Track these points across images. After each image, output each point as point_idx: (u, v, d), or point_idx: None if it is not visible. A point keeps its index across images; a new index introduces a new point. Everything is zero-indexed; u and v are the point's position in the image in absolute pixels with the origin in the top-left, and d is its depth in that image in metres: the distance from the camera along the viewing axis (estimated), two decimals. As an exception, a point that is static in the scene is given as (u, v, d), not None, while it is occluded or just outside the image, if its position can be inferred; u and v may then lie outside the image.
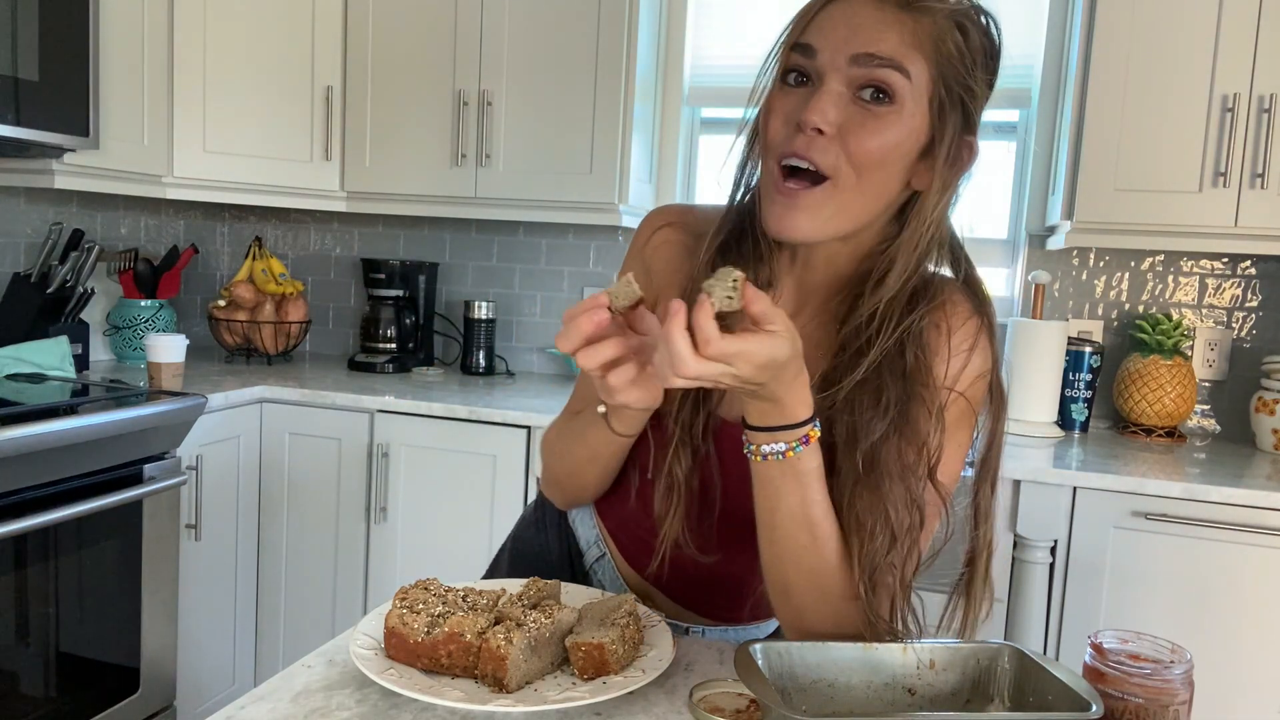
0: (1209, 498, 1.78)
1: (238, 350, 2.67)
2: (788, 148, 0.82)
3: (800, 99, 0.83)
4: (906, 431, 0.85)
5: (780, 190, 0.83)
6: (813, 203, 0.82)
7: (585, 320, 0.74)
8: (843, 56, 0.81)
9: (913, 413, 0.86)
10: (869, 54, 0.80)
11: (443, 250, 2.87)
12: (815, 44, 0.82)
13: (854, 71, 0.81)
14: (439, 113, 2.46)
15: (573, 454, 1.00)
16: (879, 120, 0.81)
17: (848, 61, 0.81)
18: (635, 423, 0.91)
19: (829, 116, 0.80)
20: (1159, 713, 0.75)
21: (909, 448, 0.85)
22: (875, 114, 0.81)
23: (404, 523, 2.27)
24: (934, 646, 0.83)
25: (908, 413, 0.85)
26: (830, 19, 0.83)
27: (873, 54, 0.80)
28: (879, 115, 0.81)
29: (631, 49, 2.33)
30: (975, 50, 0.84)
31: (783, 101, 0.85)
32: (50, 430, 1.68)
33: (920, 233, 0.85)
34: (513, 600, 0.89)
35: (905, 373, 0.86)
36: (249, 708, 0.79)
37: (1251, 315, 2.32)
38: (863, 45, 0.80)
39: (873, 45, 0.80)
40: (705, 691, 0.82)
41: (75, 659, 1.84)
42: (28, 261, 2.38)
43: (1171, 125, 2.02)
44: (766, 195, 0.85)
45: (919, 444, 0.86)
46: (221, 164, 2.41)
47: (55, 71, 1.93)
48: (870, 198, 0.84)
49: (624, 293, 0.76)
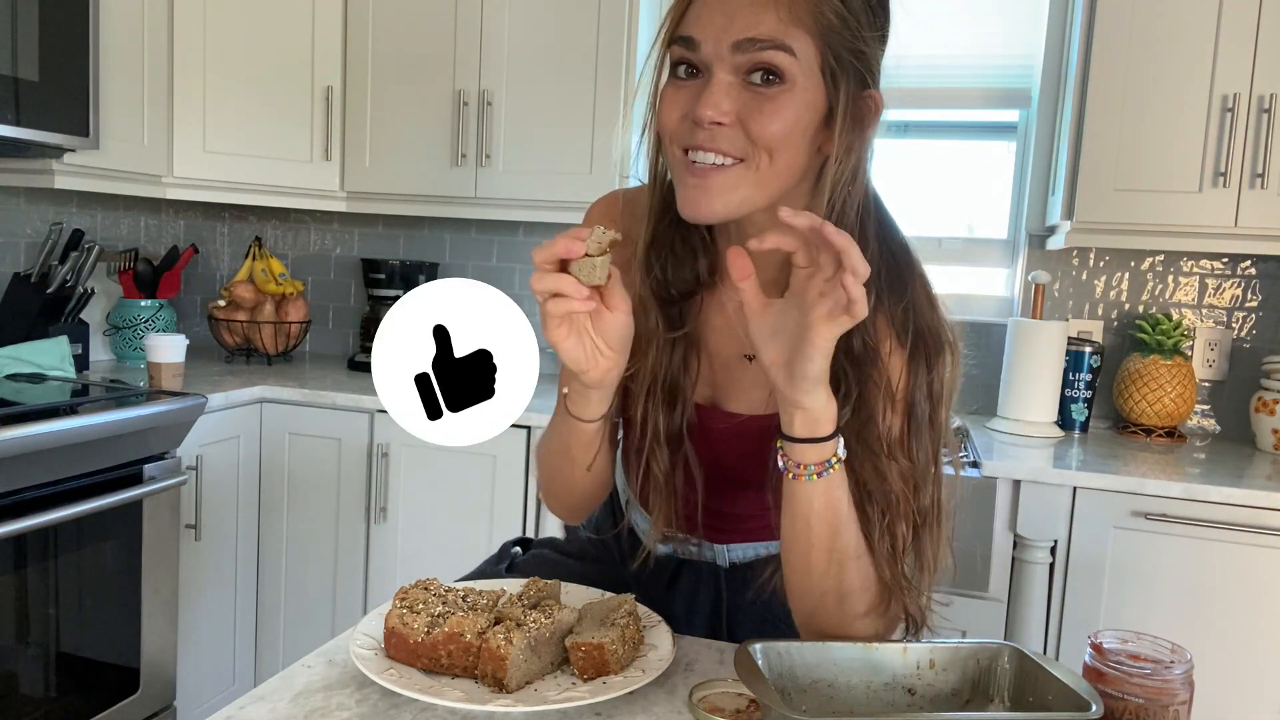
0: (1209, 498, 1.78)
1: (238, 350, 2.67)
2: (690, 141, 0.84)
3: (692, 92, 0.84)
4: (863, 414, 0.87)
5: (691, 173, 0.84)
6: (727, 183, 0.83)
7: (563, 243, 0.78)
8: (725, 45, 0.81)
9: (868, 396, 0.87)
10: (750, 39, 0.80)
11: (443, 250, 2.87)
12: (696, 35, 0.83)
13: (739, 59, 0.81)
14: (439, 113, 2.46)
15: (550, 452, 1.00)
16: (774, 102, 0.82)
17: (730, 50, 0.81)
18: (586, 405, 0.90)
19: (723, 108, 0.81)
20: (1159, 713, 0.75)
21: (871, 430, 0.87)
22: (769, 96, 0.82)
23: (404, 523, 2.27)
24: (934, 646, 0.83)
25: (865, 397, 0.87)
26: (706, 7, 0.83)
27: (753, 38, 0.80)
28: (773, 97, 0.82)
29: (631, 49, 2.33)
30: (857, 10, 0.83)
31: (675, 95, 0.86)
32: (50, 430, 1.68)
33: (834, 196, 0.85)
34: (513, 600, 0.89)
35: (856, 358, 0.87)
36: (249, 708, 0.79)
37: (1251, 315, 2.32)
38: (742, 31, 0.80)
39: (751, 30, 0.80)
40: (705, 691, 0.82)
41: (75, 659, 1.84)
42: (28, 261, 2.38)
43: (1171, 125, 2.02)
44: (679, 180, 0.86)
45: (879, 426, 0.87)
46: (221, 164, 2.41)
47: (55, 71, 1.93)
48: (782, 171, 0.84)
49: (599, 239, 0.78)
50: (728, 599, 1.07)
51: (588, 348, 0.83)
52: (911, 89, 2.48)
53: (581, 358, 0.83)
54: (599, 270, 0.79)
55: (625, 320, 0.83)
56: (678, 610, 1.07)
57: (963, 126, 2.59)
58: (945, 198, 2.58)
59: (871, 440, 0.86)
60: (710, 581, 1.08)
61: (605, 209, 1.06)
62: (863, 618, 0.88)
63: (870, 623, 0.88)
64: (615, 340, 0.84)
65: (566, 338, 0.82)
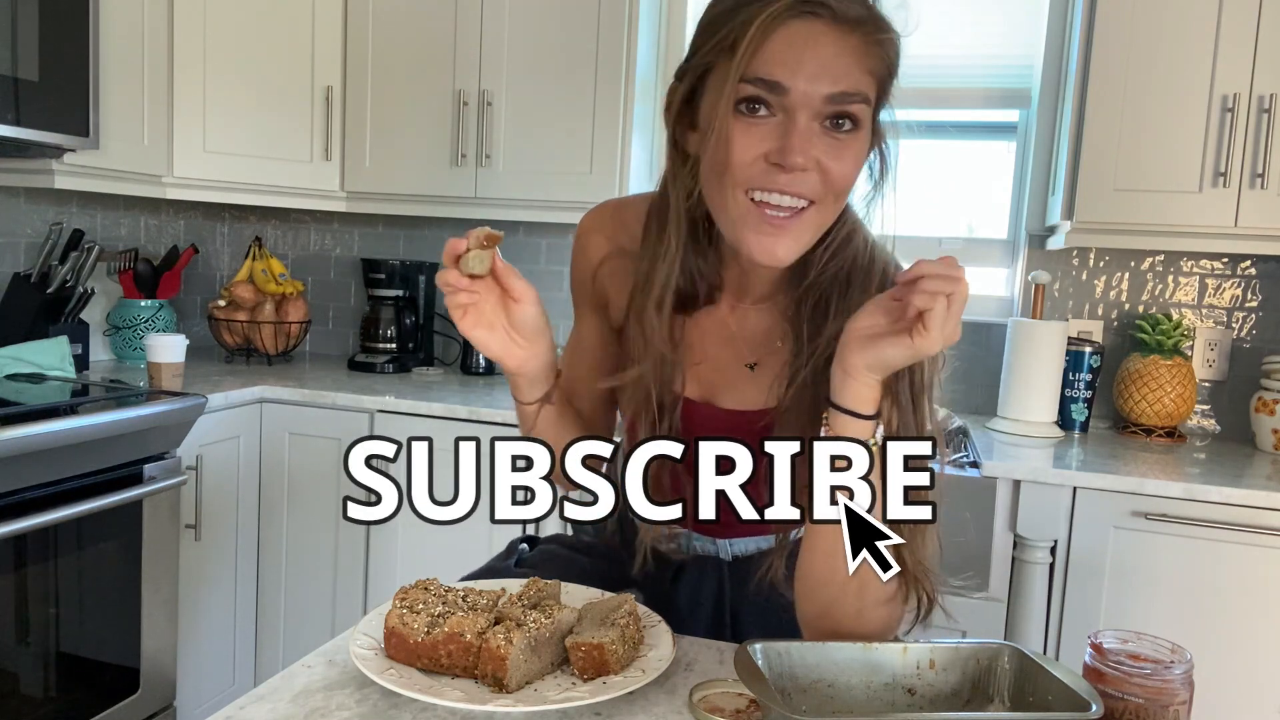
0: (1209, 498, 1.78)
1: (238, 350, 2.67)
2: (767, 183, 0.84)
3: (770, 134, 0.83)
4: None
5: (768, 222, 0.85)
6: (801, 228, 0.86)
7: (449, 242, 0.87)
8: (816, 96, 0.82)
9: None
10: (843, 92, 0.82)
11: (442, 250, 2.86)
12: (784, 81, 0.81)
13: (826, 108, 0.83)
14: (439, 113, 2.46)
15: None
16: (848, 148, 0.85)
17: (822, 100, 0.82)
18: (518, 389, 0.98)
19: (811, 155, 0.83)
20: (1159, 713, 0.75)
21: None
22: (844, 142, 0.85)
23: (404, 523, 2.26)
24: (934, 646, 0.83)
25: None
26: (792, 51, 0.81)
27: (846, 92, 0.82)
28: (847, 143, 0.85)
29: (631, 49, 2.33)
30: (894, 62, 0.88)
31: (748, 134, 0.84)
32: (50, 430, 1.68)
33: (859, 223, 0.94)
34: (513, 600, 0.89)
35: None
36: (249, 708, 0.79)
37: (1251, 315, 2.32)
38: (835, 83, 0.82)
39: (844, 82, 0.82)
40: (705, 691, 0.82)
41: (75, 659, 1.84)
42: (28, 261, 2.38)
43: (1171, 125, 2.02)
44: (745, 224, 0.86)
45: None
46: (221, 164, 2.41)
47: (55, 71, 1.93)
48: (837, 210, 0.89)
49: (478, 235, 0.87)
50: (730, 592, 1.09)
51: (499, 339, 0.90)
52: (911, 89, 2.47)
53: (495, 348, 0.91)
54: (477, 262, 0.86)
55: (533, 311, 0.91)
56: (681, 604, 1.08)
57: (963, 126, 2.58)
58: (945, 198, 2.58)
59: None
60: (713, 575, 1.09)
61: (594, 221, 1.09)
62: (885, 604, 0.88)
63: (891, 609, 0.89)
64: (526, 330, 0.91)
65: (474, 328, 0.89)
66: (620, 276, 1.03)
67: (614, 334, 1.08)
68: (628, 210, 1.05)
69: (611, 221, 1.06)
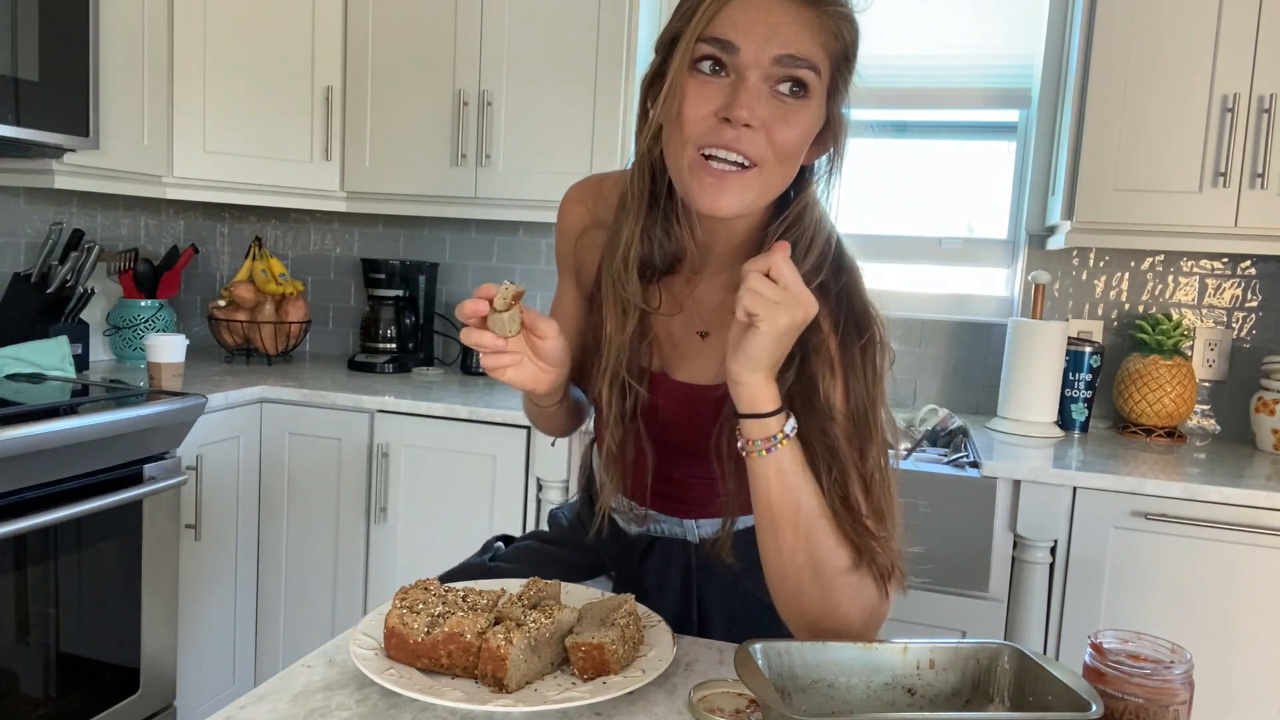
0: (1209, 498, 1.78)
1: (238, 350, 2.67)
2: (714, 139, 0.87)
3: (720, 91, 0.88)
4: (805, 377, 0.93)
5: (710, 173, 0.88)
6: (742, 184, 0.89)
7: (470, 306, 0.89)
8: (766, 56, 0.86)
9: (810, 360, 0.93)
10: (791, 55, 0.86)
11: (443, 250, 2.87)
12: (736, 41, 0.86)
13: (775, 70, 0.87)
14: (439, 113, 2.46)
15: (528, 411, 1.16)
16: (796, 113, 0.88)
17: (771, 61, 0.86)
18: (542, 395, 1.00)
19: (758, 112, 0.86)
20: (1159, 713, 0.75)
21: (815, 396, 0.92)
22: (793, 107, 0.88)
23: (404, 523, 2.27)
24: (934, 646, 0.83)
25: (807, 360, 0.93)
26: (746, 14, 0.86)
27: (794, 55, 0.86)
28: (796, 109, 0.88)
29: (631, 49, 2.33)
30: (850, 44, 0.91)
31: (700, 91, 0.88)
32: (50, 430, 1.68)
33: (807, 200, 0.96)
34: (512, 600, 0.89)
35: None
36: (249, 708, 0.79)
37: (1251, 315, 2.32)
38: (784, 46, 0.86)
39: (793, 46, 0.86)
40: (705, 691, 0.82)
41: (75, 659, 1.84)
42: (28, 261, 2.38)
43: (1171, 125, 2.02)
44: (693, 175, 0.90)
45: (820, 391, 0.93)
46: (221, 164, 2.41)
47: (55, 71, 1.93)
48: (781, 179, 0.92)
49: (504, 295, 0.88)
50: (697, 573, 1.12)
51: (529, 372, 0.95)
52: (912, 89, 2.48)
53: (527, 381, 0.95)
54: (510, 324, 0.89)
55: (557, 343, 0.95)
56: (649, 584, 1.12)
57: (963, 126, 2.58)
58: (945, 198, 2.58)
59: (817, 404, 0.92)
60: (681, 557, 1.12)
61: (577, 193, 1.13)
62: (844, 574, 0.90)
63: (854, 581, 0.90)
64: (553, 360, 0.96)
65: (506, 372, 0.93)
66: (596, 248, 1.08)
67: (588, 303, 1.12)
68: (607, 183, 1.10)
69: (592, 194, 1.11)
